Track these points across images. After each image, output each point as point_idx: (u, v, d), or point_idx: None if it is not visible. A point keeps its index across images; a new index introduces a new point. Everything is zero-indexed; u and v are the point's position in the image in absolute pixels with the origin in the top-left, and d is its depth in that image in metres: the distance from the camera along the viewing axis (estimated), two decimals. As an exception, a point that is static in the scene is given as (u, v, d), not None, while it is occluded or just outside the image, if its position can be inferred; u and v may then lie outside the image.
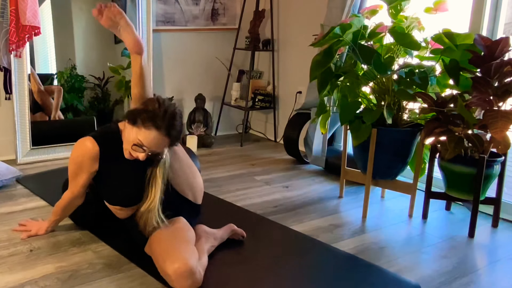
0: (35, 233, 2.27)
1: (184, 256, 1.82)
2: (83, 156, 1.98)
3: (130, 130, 1.88)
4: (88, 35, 3.91)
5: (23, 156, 3.39)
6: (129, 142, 1.89)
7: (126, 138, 1.91)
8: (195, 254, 1.89)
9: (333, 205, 2.87)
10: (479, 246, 2.42)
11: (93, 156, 1.98)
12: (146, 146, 1.85)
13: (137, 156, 1.89)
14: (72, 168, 2.04)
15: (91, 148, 1.97)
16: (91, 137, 1.98)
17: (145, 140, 1.84)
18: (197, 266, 1.83)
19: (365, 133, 2.61)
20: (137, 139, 1.85)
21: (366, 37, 2.62)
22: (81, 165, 2.01)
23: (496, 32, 2.81)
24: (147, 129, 1.83)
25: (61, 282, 1.90)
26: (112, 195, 2.09)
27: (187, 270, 1.78)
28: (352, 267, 2.13)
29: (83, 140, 1.99)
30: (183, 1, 4.08)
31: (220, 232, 2.21)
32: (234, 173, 3.40)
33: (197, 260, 1.86)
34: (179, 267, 1.78)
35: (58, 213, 2.24)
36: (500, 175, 2.55)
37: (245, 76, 4.47)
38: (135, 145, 1.86)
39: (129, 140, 1.89)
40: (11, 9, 3.05)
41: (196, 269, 1.81)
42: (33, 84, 3.53)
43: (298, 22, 4.04)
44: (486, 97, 2.33)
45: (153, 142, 1.84)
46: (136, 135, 1.85)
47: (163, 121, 1.83)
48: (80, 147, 2.00)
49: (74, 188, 2.09)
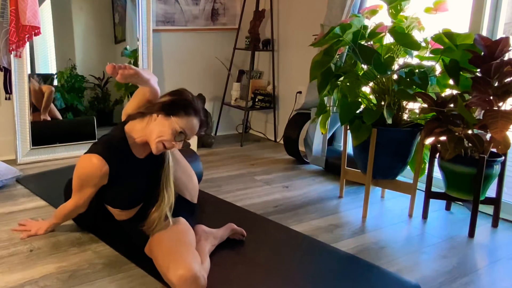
0: (34, 233, 2.27)
1: (187, 262, 1.80)
2: (91, 174, 1.94)
3: (162, 122, 1.90)
4: (88, 35, 3.91)
5: (23, 156, 3.39)
6: (163, 131, 1.89)
7: (157, 132, 1.90)
8: (197, 259, 1.87)
9: (333, 205, 2.87)
10: (479, 246, 2.42)
11: (102, 175, 1.94)
12: (188, 132, 1.91)
13: (173, 146, 1.91)
14: (77, 182, 2.01)
15: (100, 167, 1.92)
16: (99, 156, 1.92)
17: (187, 126, 1.90)
18: (201, 271, 1.81)
19: (365, 133, 2.61)
20: (180, 127, 1.89)
21: (366, 37, 2.62)
22: (87, 182, 1.98)
23: (496, 32, 2.81)
24: (189, 116, 1.90)
25: (61, 282, 1.89)
26: (116, 199, 2.08)
27: (191, 276, 1.76)
28: (352, 267, 2.13)
29: (89, 158, 1.93)
30: (183, 1, 4.08)
31: (220, 231, 2.21)
32: (234, 173, 3.40)
33: (200, 265, 1.84)
34: (183, 274, 1.76)
35: (60, 218, 2.23)
36: (500, 175, 2.55)
37: (245, 76, 4.47)
38: (180, 133, 1.89)
39: (164, 128, 1.89)
40: (11, 9, 3.05)
41: (199, 274, 1.79)
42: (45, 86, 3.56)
43: (298, 22, 4.04)
44: (486, 97, 2.33)
45: (194, 128, 1.93)
46: (176, 124, 1.88)
47: (199, 108, 1.94)
48: (87, 165, 1.94)
49: (79, 200, 2.07)
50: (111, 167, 1.94)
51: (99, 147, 1.97)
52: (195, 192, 2.24)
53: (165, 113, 1.91)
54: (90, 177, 1.95)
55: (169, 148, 1.93)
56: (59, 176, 3.08)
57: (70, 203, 2.12)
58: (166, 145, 1.92)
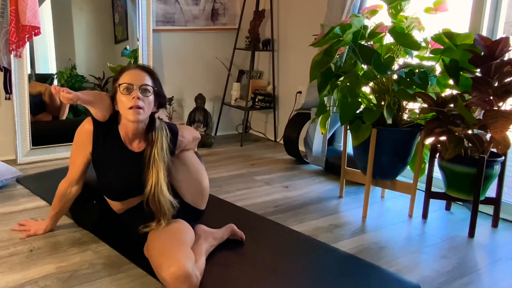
0: (34, 232, 2.27)
1: (180, 260, 1.80)
2: (79, 135, 2.08)
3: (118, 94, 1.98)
4: (88, 35, 3.91)
5: (23, 156, 3.39)
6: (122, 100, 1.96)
7: (120, 103, 1.98)
8: (191, 257, 1.86)
9: (333, 205, 2.87)
10: (479, 246, 2.42)
11: (87, 134, 2.06)
12: (130, 81, 1.95)
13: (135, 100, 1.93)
14: (72, 151, 2.13)
15: (84, 127, 2.07)
16: (89, 117, 2.08)
17: (127, 78, 1.97)
18: (194, 269, 1.81)
19: (365, 133, 2.61)
20: (123, 83, 1.95)
21: (366, 37, 2.62)
22: (77, 147, 2.09)
23: (496, 32, 2.81)
24: (124, 72, 2.00)
25: (61, 282, 1.89)
26: (106, 188, 2.13)
27: (183, 274, 1.76)
28: (352, 267, 2.13)
29: (83, 123, 2.09)
30: (183, 1, 4.08)
31: (220, 232, 2.20)
32: (234, 173, 3.40)
33: (193, 263, 1.84)
34: (174, 271, 1.76)
35: (56, 205, 2.23)
36: (500, 175, 2.55)
37: (245, 76, 4.47)
38: (124, 88, 1.94)
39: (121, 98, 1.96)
40: (11, 9, 3.05)
41: (192, 272, 1.79)
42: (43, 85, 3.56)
43: (298, 22, 4.04)
44: (486, 97, 2.33)
45: (134, 76, 1.98)
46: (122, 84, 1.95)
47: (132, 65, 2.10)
48: (79, 128, 2.10)
49: (71, 173, 2.15)
50: (95, 129, 2.04)
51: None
52: (201, 199, 2.22)
53: (116, 87, 1.99)
54: (78, 137, 2.09)
55: (136, 105, 1.93)
56: (59, 176, 3.05)
57: (63, 181, 2.18)
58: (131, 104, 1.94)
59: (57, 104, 3.62)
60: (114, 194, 2.13)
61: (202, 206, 2.24)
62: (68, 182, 2.17)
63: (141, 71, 2.00)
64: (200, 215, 2.25)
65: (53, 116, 3.66)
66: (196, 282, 1.80)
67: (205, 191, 2.24)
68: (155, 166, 1.99)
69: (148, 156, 2.00)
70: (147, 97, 1.97)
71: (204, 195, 2.23)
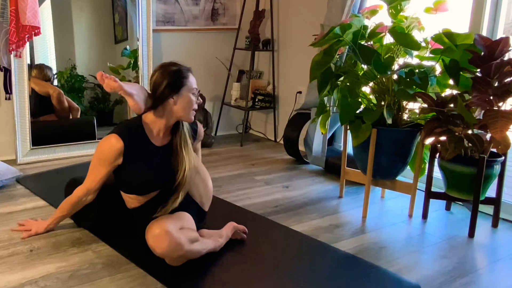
0: (35, 232, 2.27)
1: (161, 222, 1.92)
2: (108, 152, 2.03)
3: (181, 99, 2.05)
4: (88, 35, 3.91)
5: (23, 156, 3.39)
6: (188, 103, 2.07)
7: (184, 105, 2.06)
8: (175, 224, 1.95)
9: (333, 205, 2.87)
10: (479, 246, 2.42)
11: (117, 152, 2.03)
12: (196, 85, 2.13)
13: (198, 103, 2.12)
14: (94, 162, 2.09)
15: (116, 144, 2.02)
16: (116, 134, 2.04)
17: (194, 83, 2.13)
18: (176, 230, 1.90)
19: (365, 133, 2.61)
20: (192, 88, 2.10)
21: (366, 37, 2.62)
22: (104, 160, 2.06)
23: (496, 32, 2.81)
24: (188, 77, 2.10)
25: (61, 282, 1.90)
26: (132, 183, 2.12)
27: (162, 231, 1.87)
28: (352, 267, 2.13)
29: (108, 137, 2.05)
30: (183, 1, 4.08)
31: (223, 231, 2.23)
32: (234, 173, 3.40)
33: (177, 228, 1.93)
34: (154, 231, 1.89)
35: (65, 209, 2.22)
36: (500, 175, 2.55)
37: (245, 76, 4.47)
38: (194, 93, 2.09)
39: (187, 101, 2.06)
40: (11, 9, 3.05)
41: (172, 230, 1.88)
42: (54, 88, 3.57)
43: (298, 22, 4.04)
44: (486, 97, 2.33)
45: (195, 80, 2.15)
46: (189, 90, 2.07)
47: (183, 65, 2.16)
48: (105, 144, 2.05)
49: (90, 183, 2.11)
50: (127, 145, 2.02)
51: (117, 128, 2.09)
52: (207, 199, 2.28)
53: (176, 92, 2.05)
54: (107, 153, 2.03)
55: (196, 108, 2.12)
56: (59, 176, 3.08)
57: (81, 188, 2.14)
58: (195, 107, 2.11)
59: (65, 107, 3.62)
60: (143, 190, 2.13)
61: (206, 207, 2.29)
62: (86, 191, 2.13)
63: (191, 73, 2.15)
64: (203, 217, 2.28)
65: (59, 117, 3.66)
66: (178, 240, 1.89)
67: (210, 192, 2.31)
68: (185, 152, 2.10)
69: (177, 145, 2.11)
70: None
71: (209, 196, 2.30)
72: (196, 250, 1.98)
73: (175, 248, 1.89)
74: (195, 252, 1.98)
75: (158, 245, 1.88)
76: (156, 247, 1.89)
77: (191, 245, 1.95)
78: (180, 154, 2.10)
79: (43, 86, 3.55)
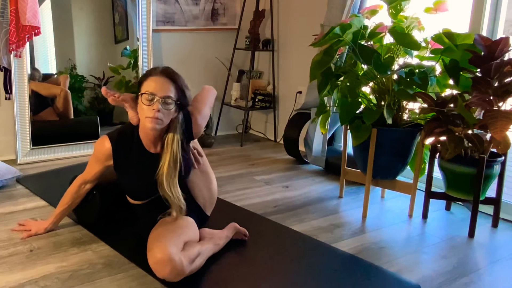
0: (35, 232, 2.27)
1: (165, 245, 1.85)
2: (98, 152, 2.11)
3: (141, 101, 1.94)
4: (88, 35, 3.91)
5: (23, 156, 3.39)
6: (141, 110, 1.95)
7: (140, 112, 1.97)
8: (178, 245, 1.90)
9: (333, 205, 2.87)
10: (479, 246, 2.42)
11: (106, 154, 2.08)
12: (153, 91, 1.91)
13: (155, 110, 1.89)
14: (91, 157, 2.17)
15: (104, 145, 2.07)
16: (107, 136, 2.09)
17: (150, 87, 1.92)
18: (178, 254, 1.85)
19: (365, 133, 2.61)
20: (146, 91, 1.91)
21: (366, 37, 2.62)
22: (97, 158, 2.13)
23: (496, 32, 2.81)
24: (148, 79, 1.96)
25: (61, 282, 1.89)
26: (128, 190, 2.18)
27: (165, 257, 1.81)
28: (352, 267, 2.13)
29: (102, 138, 2.11)
30: (183, 1, 4.08)
31: (224, 232, 2.22)
32: (234, 173, 3.40)
33: (178, 250, 1.88)
34: (156, 255, 1.83)
35: (65, 202, 2.23)
36: (500, 175, 2.55)
37: (245, 76, 4.47)
38: (146, 99, 1.91)
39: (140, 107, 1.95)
40: (11, 9, 3.05)
41: (175, 256, 1.82)
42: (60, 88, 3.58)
43: (298, 22, 4.04)
44: (486, 97, 2.33)
45: (157, 85, 1.92)
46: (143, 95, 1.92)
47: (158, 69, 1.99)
48: (97, 143, 2.12)
49: (87, 174, 2.18)
50: (114, 149, 2.05)
51: (113, 131, 2.13)
52: (210, 204, 2.27)
53: (138, 94, 1.96)
54: (98, 153, 2.11)
55: (155, 117, 1.90)
56: (59, 176, 3.08)
57: (79, 177, 2.21)
58: (150, 115, 1.91)
59: (70, 107, 3.61)
60: (138, 196, 2.16)
61: (209, 212, 2.28)
62: (83, 180, 2.20)
63: (166, 78, 1.94)
64: (205, 220, 2.27)
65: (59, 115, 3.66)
66: (180, 265, 1.83)
67: (214, 198, 2.30)
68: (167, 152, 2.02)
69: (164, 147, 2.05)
70: (168, 110, 1.94)
71: (213, 201, 2.30)
72: (197, 266, 1.95)
73: (177, 274, 1.84)
74: (196, 268, 1.95)
75: (160, 270, 1.83)
76: (157, 271, 1.84)
77: (192, 265, 1.91)
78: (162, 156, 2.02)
79: (48, 88, 3.54)
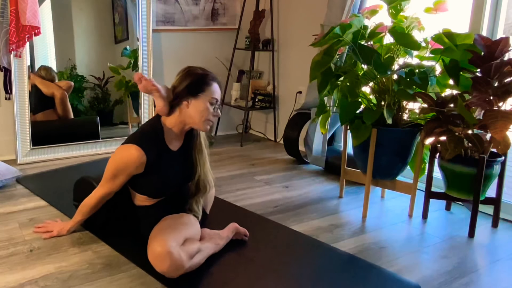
0: (57, 233, 2.26)
1: (163, 239, 1.88)
2: (129, 164, 1.99)
3: (196, 104, 2.04)
4: (88, 35, 3.91)
5: (23, 156, 3.39)
6: (202, 111, 2.04)
7: (197, 111, 2.04)
8: (177, 240, 1.91)
9: (333, 205, 2.87)
10: (479, 246, 2.42)
11: (139, 165, 2.00)
12: (218, 97, 2.09)
13: (215, 116, 2.09)
14: (113, 171, 2.04)
15: (138, 157, 1.98)
16: (137, 146, 1.98)
17: (216, 92, 2.08)
18: (177, 248, 1.86)
19: (365, 133, 2.61)
20: (212, 97, 2.06)
21: (366, 37, 2.62)
22: (123, 171, 2.02)
23: (496, 32, 2.81)
24: (211, 85, 2.07)
25: (61, 282, 1.90)
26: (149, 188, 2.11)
27: (164, 250, 1.83)
28: (352, 267, 2.13)
29: (128, 148, 1.99)
30: (183, 1, 4.08)
31: (225, 232, 2.22)
32: (234, 173, 3.40)
33: (177, 244, 1.89)
34: (155, 249, 1.85)
35: (86, 212, 2.19)
36: (500, 175, 2.55)
37: (245, 76, 4.47)
38: (211, 104, 2.06)
39: (201, 108, 2.04)
40: (11, 9, 3.05)
41: (173, 250, 1.84)
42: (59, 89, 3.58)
43: (298, 22, 4.04)
44: (486, 97, 2.33)
45: (219, 90, 2.11)
46: (207, 98, 2.05)
47: (211, 73, 2.12)
48: (126, 155, 1.99)
49: (110, 187, 2.08)
50: (149, 157, 2.00)
51: (138, 138, 2.04)
52: (209, 201, 2.33)
53: (193, 96, 2.04)
54: (128, 166, 2.00)
55: (214, 120, 2.10)
56: (59, 176, 3.08)
57: (99, 192, 2.11)
58: (210, 118, 2.08)
59: (67, 109, 3.61)
60: (158, 193, 2.14)
61: (207, 210, 2.32)
62: (105, 194, 2.10)
63: (217, 83, 2.11)
64: (205, 218, 2.29)
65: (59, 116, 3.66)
66: (179, 260, 1.85)
67: (212, 195, 2.38)
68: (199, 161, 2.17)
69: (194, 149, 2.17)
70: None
71: (211, 199, 2.36)
72: (196, 263, 1.96)
73: (176, 268, 1.86)
74: (196, 265, 1.96)
75: (159, 264, 1.85)
76: (156, 265, 1.87)
77: (191, 261, 1.93)
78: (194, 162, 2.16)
79: (48, 87, 3.54)
